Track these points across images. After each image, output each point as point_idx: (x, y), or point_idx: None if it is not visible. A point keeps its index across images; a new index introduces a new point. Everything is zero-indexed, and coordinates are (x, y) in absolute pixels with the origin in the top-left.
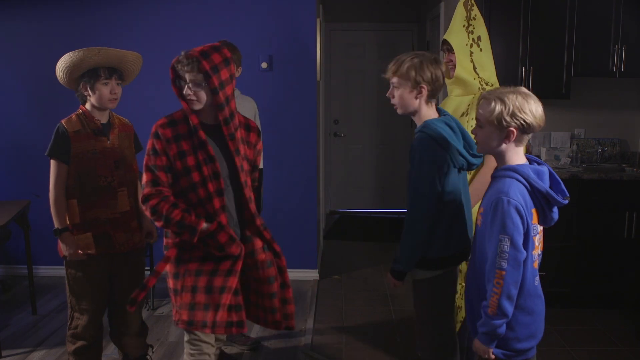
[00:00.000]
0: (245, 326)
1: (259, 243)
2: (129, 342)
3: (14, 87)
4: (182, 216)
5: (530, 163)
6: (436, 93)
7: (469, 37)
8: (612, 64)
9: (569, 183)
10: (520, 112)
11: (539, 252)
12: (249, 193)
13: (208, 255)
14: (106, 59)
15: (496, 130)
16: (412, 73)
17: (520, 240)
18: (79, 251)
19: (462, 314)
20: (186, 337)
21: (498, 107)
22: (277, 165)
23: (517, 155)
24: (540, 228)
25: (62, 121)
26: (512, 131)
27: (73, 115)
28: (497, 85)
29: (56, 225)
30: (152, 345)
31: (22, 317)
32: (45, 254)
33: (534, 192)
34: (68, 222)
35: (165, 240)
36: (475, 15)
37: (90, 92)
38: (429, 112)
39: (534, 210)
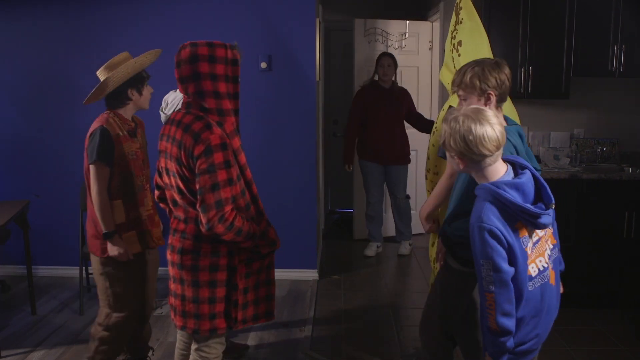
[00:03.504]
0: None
1: None
2: (136, 343)
3: (14, 87)
4: (249, 226)
5: (515, 167)
6: (504, 97)
7: (451, 43)
8: (612, 64)
9: (568, 183)
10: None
11: (543, 258)
12: (256, 189)
13: (252, 256)
14: (152, 61)
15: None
16: (476, 82)
17: (501, 261)
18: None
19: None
20: (195, 346)
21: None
22: (277, 165)
23: (490, 172)
24: (542, 233)
25: (104, 125)
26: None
27: (109, 119)
28: None
29: (105, 228)
30: (153, 347)
31: (21, 317)
32: (44, 254)
33: (512, 209)
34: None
35: (171, 239)
36: (462, 18)
37: (137, 95)
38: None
39: (519, 224)
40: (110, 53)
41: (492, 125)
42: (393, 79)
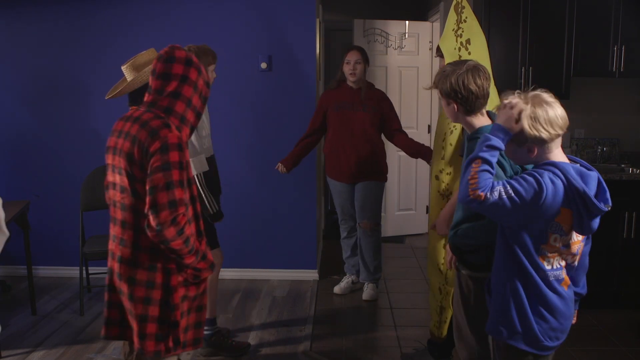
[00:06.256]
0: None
1: None
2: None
3: (14, 86)
4: (194, 240)
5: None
6: (471, 105)
7: (457, 41)
8: (612, 64)
9: None
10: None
11: (565, 260)
12: (199, 207)
13: (192, 279)
14: None
15: None
16: (440, 86)
17: (515, 183)
18: None
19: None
20: None
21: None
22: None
23: (554, 157)
24: (577, 237)
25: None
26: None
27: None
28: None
29: None
30: None
31: (21, 318)
32: (45, 254)
33: (570, 190)
34: None
35: (110, 244)
36: (466, 17)
37: None
38: (478, 121)
39: (565, 210)
40: (111, 53)
41: (551, 105)
42: (366, 78)
